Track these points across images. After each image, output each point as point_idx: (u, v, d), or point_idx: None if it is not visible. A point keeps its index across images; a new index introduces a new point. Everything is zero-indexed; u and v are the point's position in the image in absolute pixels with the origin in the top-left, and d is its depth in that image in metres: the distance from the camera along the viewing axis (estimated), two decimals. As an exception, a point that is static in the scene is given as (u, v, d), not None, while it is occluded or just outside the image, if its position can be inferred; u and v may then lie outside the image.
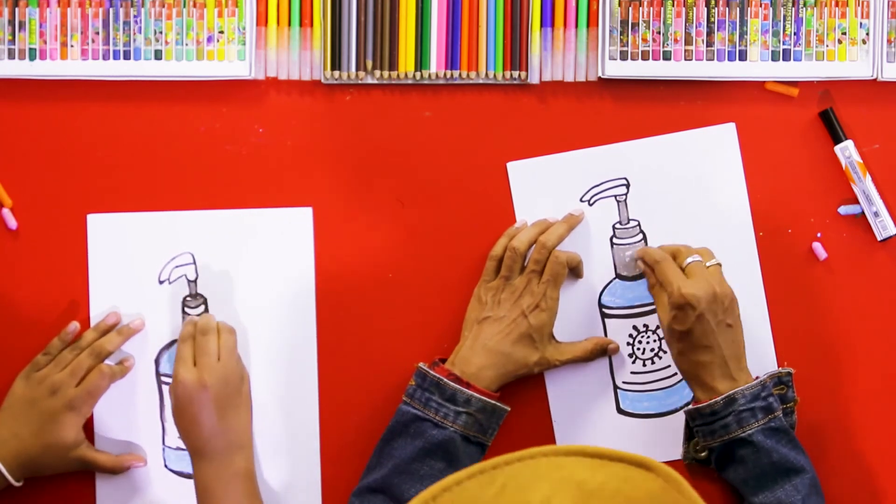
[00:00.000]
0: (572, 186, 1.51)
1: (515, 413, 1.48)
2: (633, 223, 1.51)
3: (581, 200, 1.52)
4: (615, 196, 1.52)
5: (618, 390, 1.52)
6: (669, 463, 1.43)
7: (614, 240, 1.52)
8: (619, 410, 1.52)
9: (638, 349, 1.51)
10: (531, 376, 1.50)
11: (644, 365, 1.52)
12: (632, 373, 1.52)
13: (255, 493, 1.45)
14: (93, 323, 1.51)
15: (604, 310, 1.52)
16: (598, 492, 0.98)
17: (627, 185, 1.51)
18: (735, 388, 1.40)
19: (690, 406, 1.45)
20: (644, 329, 1.52)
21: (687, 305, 1.40)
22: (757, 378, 1.43)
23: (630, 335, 1.52)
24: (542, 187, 1.51)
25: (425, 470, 1.42)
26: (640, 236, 1.51)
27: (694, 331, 1.40)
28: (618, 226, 1.52)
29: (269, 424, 1.52)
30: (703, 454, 1.47)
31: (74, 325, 1.50)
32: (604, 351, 1.51)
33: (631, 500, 0.98)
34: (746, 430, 1.41)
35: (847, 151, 1.50)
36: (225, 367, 1.46)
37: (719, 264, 1.44)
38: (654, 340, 1.51)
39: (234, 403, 1.46)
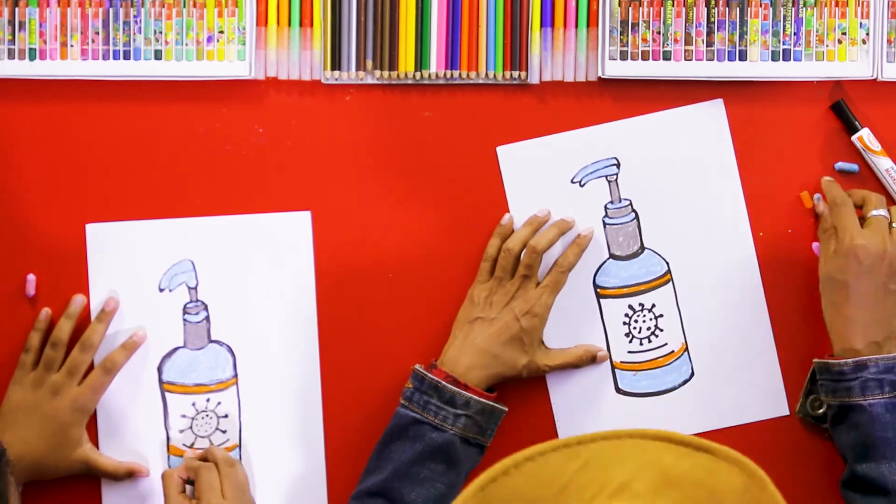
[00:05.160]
0: (563, 168, 1.52)
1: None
2: (624, 202, 1.52)
3: (572, 182, 1.52)
4: (606, 176, 1.52)
5: (615, 370, 1.53)
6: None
7: (606, 220, 1.52)
8: (618, 390, 1.53)
9: (634, 328, 1.52)
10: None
11: (641, 344, 1.52)
12: (629, 352, 1.52)
13: None
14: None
15: (598, 290, 1.53)
16: (681, 480, 0.99)
17: (618, 165, 1.52)
18: (874, 355, 1.37)
19: (821, 359, 1.42)
20: (640, 308, 1.52)
21: (853, 256, 1.38)
22: None
23: (626, 314, 1.52)
24: (532, 171, 1.52)
25: (425, 473, 1.42)
26: (633, 215, 1.52)
27: (852, 285, 1.38)
28: (609, 206, 1.52)
29: (274, 425, 1.52)
30: (819, 411, 1.44)
31: (46, 312, 1.50)
32: (593, 358, 1.51)
33: (712, 493, 0.98)
34: (869, 399, 1.37)
35: (866, 139, 1.50)
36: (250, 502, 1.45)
37: None
38: (650, 319, 1.52)
39: None
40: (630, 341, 1.52)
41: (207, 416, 1.52)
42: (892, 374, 1.38)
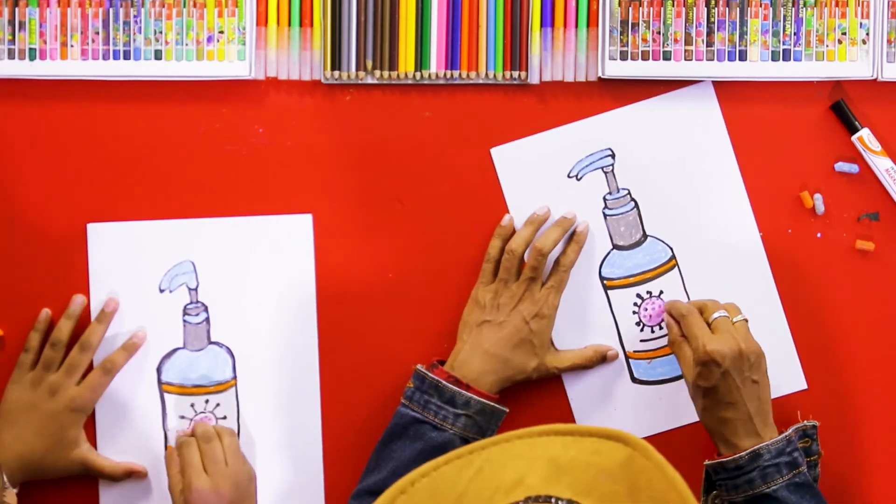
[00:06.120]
0: (558, 164, 1.52)
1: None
2: (623, 192, 1.52)
3: (569, 177, 1.52)
4: (602, 168, 1.52)
5: (629, 360, 1.53)
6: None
7: (606, 211, 1.52)
8: (634, 380, 1.53)
9: (644, 316, 1.52)
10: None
11: (652, 331, 1.52)
12: (641, 341, 1.53)
13: None
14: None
15: (605, 282, 1.53)
16: (570, 466, 1.04)
17: (613, 156, 1.52)
18: (759, 444, 1.39)
19: (713, 460, 1.42)
20: (648, 295, 1.52)
21: (712, 362, 1.39)
22: (783, 433, 1.41)
23: (635, 303, 1.52)
24: (528, 169, 1.52)
25: (424, 472, 1.42)
26: (632, 205, 1.52)
27: (719, 388, 1.39)
28: (608, 197, 1.52)
29: (272, 428, 1.52)
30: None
31: (46, 313, 1.50)
32: (603, 358, 1.51)
33: (602, 471, 1.04)
34: (771, 485, 1.38)
35: (866, 139, 1.50)
36: (235, 471, 1.43)
37: (746, 320, 1.43)
38: (659, 305, 1.52)
39: None
40: (641, 330, 1.52)
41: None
42: (785, 455, 1.39)
